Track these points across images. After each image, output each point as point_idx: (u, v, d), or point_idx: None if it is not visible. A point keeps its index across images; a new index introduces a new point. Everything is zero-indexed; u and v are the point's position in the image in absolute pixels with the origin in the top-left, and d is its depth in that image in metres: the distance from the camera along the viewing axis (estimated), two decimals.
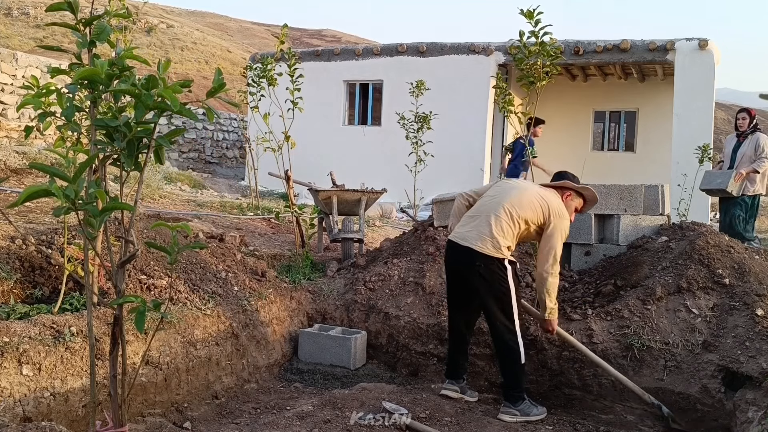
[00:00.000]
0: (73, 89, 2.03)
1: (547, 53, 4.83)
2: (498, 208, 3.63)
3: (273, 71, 7.11)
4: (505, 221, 3.59)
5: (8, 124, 10.93)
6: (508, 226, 3.60)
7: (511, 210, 3.60)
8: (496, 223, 3.58)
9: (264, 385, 4.14)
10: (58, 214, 1.80)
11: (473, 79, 12.26)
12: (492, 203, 3.69)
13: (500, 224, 3.58)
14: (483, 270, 3.58)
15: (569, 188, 3.87)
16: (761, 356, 3.57)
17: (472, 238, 3.60)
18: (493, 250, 3.56)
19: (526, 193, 3.69)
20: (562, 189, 3.87)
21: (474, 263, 3.58)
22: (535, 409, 3.66)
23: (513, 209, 3.60)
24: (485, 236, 3.57)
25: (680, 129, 10.98)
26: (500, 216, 3.59)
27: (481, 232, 3.59)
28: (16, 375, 2.78)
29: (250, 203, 9.46)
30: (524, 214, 3.61)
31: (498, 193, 3.76)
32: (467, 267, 3.64)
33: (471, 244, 3.59)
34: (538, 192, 3.73)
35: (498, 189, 3.82)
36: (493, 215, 3.61)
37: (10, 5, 26.58)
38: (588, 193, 3.91)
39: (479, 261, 3.57)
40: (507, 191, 3.73)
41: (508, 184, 3.88)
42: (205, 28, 36.68)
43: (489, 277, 3.59)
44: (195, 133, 15.94)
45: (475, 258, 3.57)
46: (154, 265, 4.19)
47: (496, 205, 3.65)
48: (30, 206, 5.63)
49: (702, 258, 4.34)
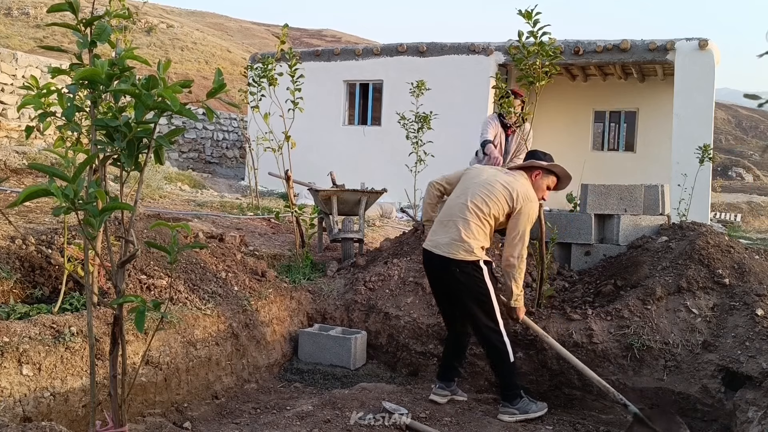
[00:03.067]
0: (74, 89, 2.03)
1: (546, 53, 4.83)
2: (464, 211, 3.62)
3: (273, 71, 7.10)
4: (473, 223, 3.59)
5: (8, 124, 10.93)
6: (477, 227, 3.60)
7: (477, 210, 3.61)
8: (464, 227, 3.59)
9: (264, 385, 4.14)
10: (57, 213, 1.81)
11: (473, 79, 12.25)
12: (458, 205, 3.68)
13: (469, 227, 3.59)
14: (459, 275, 3.59)
15: (537, 167, 3.86)
16: (761, 356, 3.57)
17: (444, 245, 3.62)
18: (465, 254, 3.57)
19: (490, 187, 3.66)
20: (530, 169, 3.86)
21: (450, 269, 3.60)
22: (534, 405, 3.66)
23: (478, 209, 3.61)
24: (456, 242, 3.59)
25: (680, 129, 10.98)
26: (468, 219, 3.60)
27: (452, 238, 3.60)
28: (16, 375, 2.78)
29: (250, 203, 9.46)
30: (490, 210, 3.61)
31: (464, 191, 3.73)
32: (445, 273, 3.65)
33: (443, 251, 3.61)
34: (501, 181, 3.69)
35: (465, 184, 3.77)
36: (461, 220, 3.61)
37: (10, 5, 26.58)
38: (558, 169, 3.88)
39: (454, 266, 3.59)
40: (472, 188, 3.70)
41: (473, 179, 3.77)
42: (205, 28, 36.68)
43: (466, 280, 3.59)
44: (195, 133, 15.94)
45: (450, 264, 3.59)
46: (154, 265, 4.19)
47: (462, 207, 3.64)
48: (30, 206, 5.63)
49: (702, 258, 4.34)
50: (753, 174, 33.22)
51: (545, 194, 3.88)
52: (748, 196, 25.10)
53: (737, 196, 24.39)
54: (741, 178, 32.44)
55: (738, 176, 32.60)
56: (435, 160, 10.18)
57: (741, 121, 46.95)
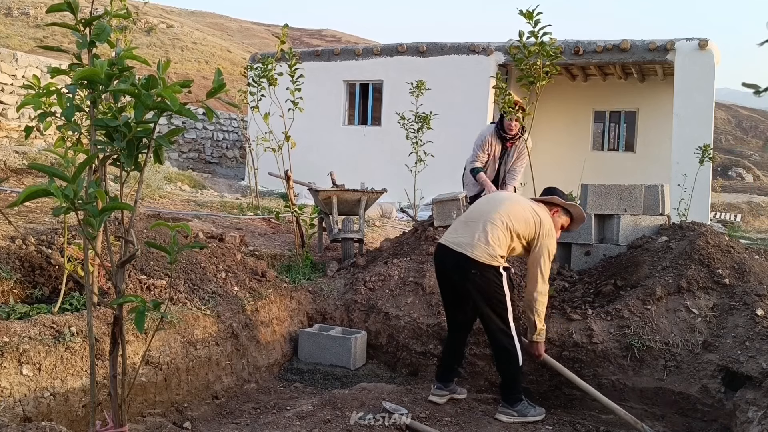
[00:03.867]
0: (73, 89, 2.03)
1: (547, 53, 4.83)
2: (494, 215, 3.58)
3: (273, 71, 7.11)
4: (500, 230, 3.54)
5: (8, 124, 10.93)
6: (503, 236, 3.55)
7: (506, 220, 3.56)
8: (492, 230, 3.54)
9: (264, 385, 4.14)
10: (57, 213, 1.81)
11: (473, 79, 12.26)
12: (487, 209, 3.65)
13: (496, 232, 3.54)
14: (479, 278, 3.53)
15: (558, 204, 3.84)
16: (761, 356, 3.57)
17: (467, 245, 3.54)
18: (488, 257, 3.51)
19: (519, 205, 3.65)
20: (551, 204, 3.83)
21: (469, 270, 3.53)
22: (533, 409, 3.65)
23: (508, 220, 3.56)
24: (481, 243, 3.52)
25: (680, 129, 10.98)
26: (496, 224, 3.55)
27: (477, 238, 3.54)
28: (16, 375, 2.78)
29: (250, 203, 9.46)
30: (517, 227, 3.57)
31: (494, 199, 3.73)
32: (460, 273, 3.58)
33: (466, 251, 3.53)
34: (531, 206, 3.69)
35: (495, 196, 3.80)
36: (489, 222, 3.56)
37: (10, 5, 26.58)
38: (575, 210, 3.88)
39: (475, 269, 3.52)
40: (503, 201, 3.70)
41: (500, 195, 3.83)
42: (205, 28, 36.68)
43: (484, 284, 3.54)
44: (195, 133, 15.94)
45: (471, 266, 3.52)
46: (154, 265, 4.19)
47: (492, 211, 3.61)
48: (30, 206, 5.63)
49: (702, 258, 4.34)
50: (753, 174, 33.24)
51: (558, 233, 3.84)
52: (748, 196, 25.12)
53: (737, 196, 24.40)
54: (741, 178, 32.46)
55: (738, 176, 32.63)
56: (435, 160, 10.20)
57: (741, 121, 46.97)
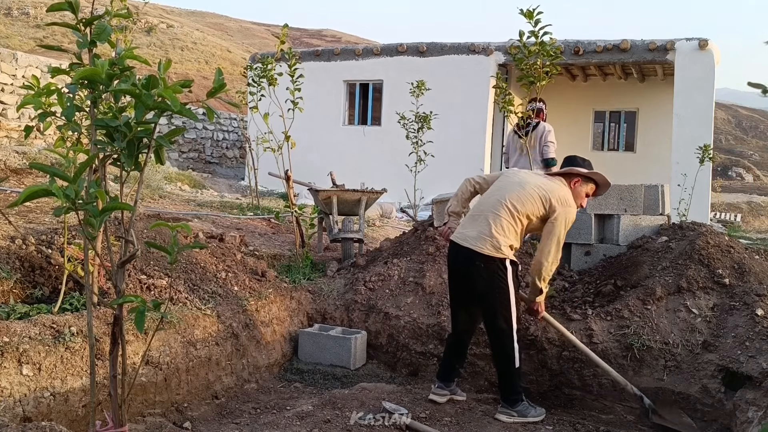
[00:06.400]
0: (74, 89, 2.03)
1: (547, 53, 4.83)
2: (498, 206, 3.60)
3: (273, 71, 7.11)
4: (505, 219, 3.57)
5: (8, 124, 10.93)
6: (509, 224, 3.57)
7: (511, 207, 3.58)
8: (495, 222, 3.56)
9: (264, 385, 4.14)
10: (58, 214, 1.80)
11: (473, 79, 12.26)
12: (492, 201, 3.66)
13: (500, 223, 3.56)
14: (483, 270, 3.56)
15: (576, 174, 3.80)
16: (761, 356, 3.57)
17: (473, 239, 3.59)
18: (492, 250, 3.54)
19: (527, 187, 3.65)
20: (569, 176, 3.80)
21: (474, 263, 3.57)
22: (533, 410, 3.65)
23: (513, 206, 3.58)
24: (485, 236, 3.56)
25: (680, 129, 10.98)
26: (500, 215, 3.57)
27: (481, 232, 3.58)
28: (16, 375, 2.78)
29: (250, 203, 9.46)
30: (525, 209, 3.58)
31: (499, 188, 3.72)
32: (467, 267, 3.63)
33: (471, 244, 3.58)
34: (539, 184, 3.67)
35: (500, 183, 3.76)
36: (492, 214, 3.59)
37: (10, 5, 26.59)
38: (598, 177, 3.82)
39: (479, 261, 3.56)
40: (507, 186, 3.70)
41: (510, 179, 3.78)
42: (205, 28, 36.69)
43: (488, 277, 3.57)
44: (195, 133, 15.94)
45: (475, 258, 3.56)
46: (154, 265, 4.19)
47: (496, 203, 3.62)
48: (30, 206, 5.63)
49: (702, 258, 4.34)
50: (753, 174, 33.25)
51: (584, 201, 3.81)
52: (748, 196, 25.11)
53: (737, 196, 24.40)
54: (741, 178, 32.47)
55: (738, 176, 32.64)
56: (435, 160, 10.19)
57: (741, 121, 46.99)
